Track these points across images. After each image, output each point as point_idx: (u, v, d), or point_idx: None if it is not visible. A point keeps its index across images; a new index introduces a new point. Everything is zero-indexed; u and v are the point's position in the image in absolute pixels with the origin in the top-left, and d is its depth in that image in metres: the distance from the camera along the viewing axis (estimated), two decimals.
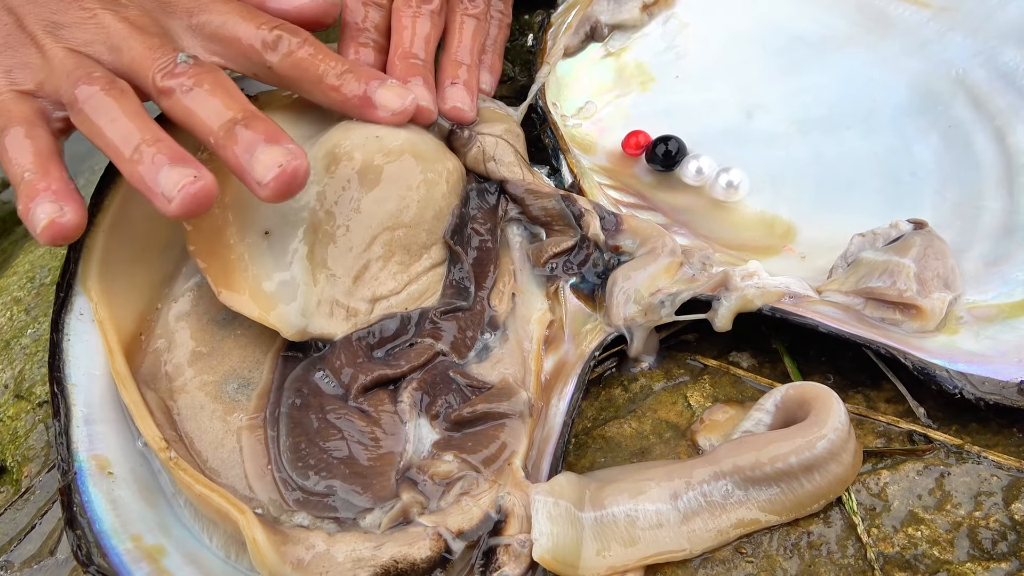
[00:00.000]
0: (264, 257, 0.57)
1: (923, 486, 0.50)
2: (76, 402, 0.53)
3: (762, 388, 0.58)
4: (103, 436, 0.52)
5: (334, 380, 0.55)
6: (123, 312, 0.58)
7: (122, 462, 0.52)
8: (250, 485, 0.51)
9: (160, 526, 0.50)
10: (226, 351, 0.57)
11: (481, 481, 0.50)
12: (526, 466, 0.52)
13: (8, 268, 0.82)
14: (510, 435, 0.53)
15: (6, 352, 0.71)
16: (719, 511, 0.49)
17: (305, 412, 0.53)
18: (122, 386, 0.53)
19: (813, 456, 0.48)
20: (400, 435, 0.53)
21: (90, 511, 0.48)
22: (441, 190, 0.62)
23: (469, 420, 0.53)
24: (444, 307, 0.59)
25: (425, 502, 0.50)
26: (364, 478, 0.51)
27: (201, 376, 0.56)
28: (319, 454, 0.51)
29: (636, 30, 0.82)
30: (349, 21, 0.69)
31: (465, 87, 0.68)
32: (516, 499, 0.49)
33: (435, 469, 0.51)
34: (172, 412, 0.55)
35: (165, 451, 0.50)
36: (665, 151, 0.73)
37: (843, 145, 0.72)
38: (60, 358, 0.55)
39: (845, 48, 0.77)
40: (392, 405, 0.54)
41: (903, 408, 0.55)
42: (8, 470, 0.63)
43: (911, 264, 0.56)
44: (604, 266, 0.62)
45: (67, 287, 0.58)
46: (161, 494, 0.52)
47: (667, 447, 0.56)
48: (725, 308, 0.57)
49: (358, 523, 0.49)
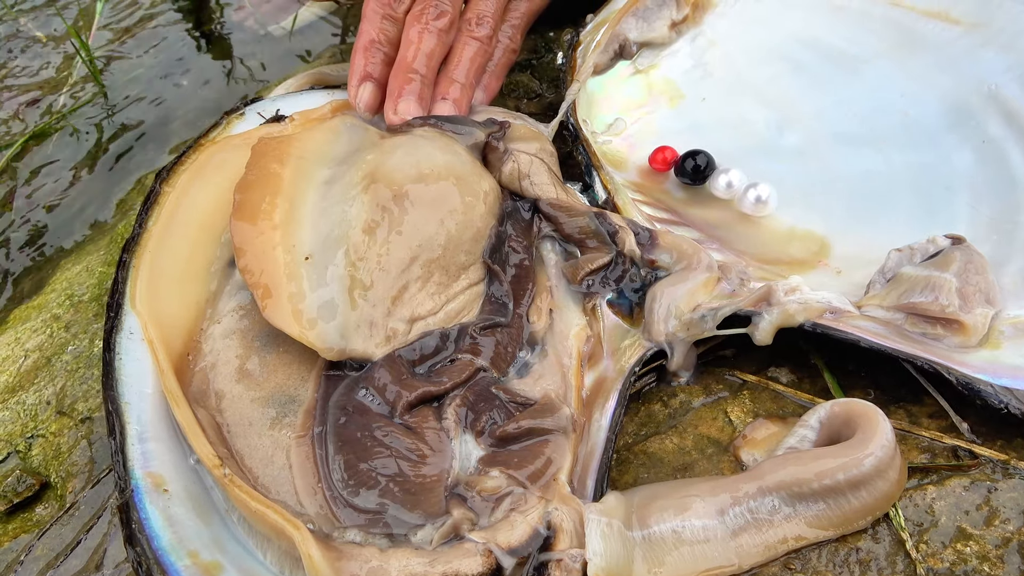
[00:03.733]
0: (306, 278, 0.58)
1: (970, 502, 0.50)
2: (130, 420, 0.54)
3: (803, 403, 0.58)
4: (157, 454, 0.53)
5: (378, 398, 0.55)
6: (171, 331, 0.59)
7: (176, 479, 0.52)
8: (300, 501, 0.52)
9: (215, 542, 0.50)
10: (272, 368, 0.58)
11: (529, 497, 0.50)
12: (571, 481, 0.53)
13: (46, 286, 0.83)
14: (555, 450, 0.53)
15: (47, 369, 0.72)
16: (766, 526, 0.49)
17: (351, 430, 0.54)
18: (174, 404, 0.54)
19: (861, 473, 0.48)
20: (447, 451, 0.53)
21: (148, 528, 0.49)
22: (479, 211, 0.62)
23: (514, 436, 0.54)
24: (483, 323, 0.60)
25: (475, 518, 0.50)
26: (414, 495, 0.51)
27: (249, 393, 0.57)
28: (368, 472, 0.52)
29: (664, 48, 0.83)
30: (365, 31, 0.71)
31: (455, 105, 0.70)
32: (564, 514, 0.49)
33: (483, 485, 0.51)
34: (222, 429, 0.55)
35: (219, 468, 0.50)
36: (694, 165, 0.73)
37: (875, 160, 0.73)
38: (113, 377, 0.56)
39: (875, 64, 0.78)
40: (437, 422, 0.54)
41: (946, 423, 0.55)
42: (52, 486, 0.64)
43: (953, 279, 0.56)
44: (641, 282, 0.63)
45: (116, 307, 0.59)
46: (214, 510, 0.52)
47: (710, 463, 0.56)
48: (767, 322, 0.57)
49: (409, 539, 0.49)
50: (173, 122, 1.09)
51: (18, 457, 0.66)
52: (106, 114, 1.12)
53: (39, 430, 0.67)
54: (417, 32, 0.70)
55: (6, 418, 0.69)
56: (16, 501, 0.62)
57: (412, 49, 0.70)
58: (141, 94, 1.14)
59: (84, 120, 1.11)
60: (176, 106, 1.11)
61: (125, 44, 1.24)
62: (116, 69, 1.19)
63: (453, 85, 0.71)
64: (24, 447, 0.66)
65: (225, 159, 0.67)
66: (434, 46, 0.71)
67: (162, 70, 1.18)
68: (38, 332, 0.76)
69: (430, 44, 0.70)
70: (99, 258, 0.83)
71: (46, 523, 0.61)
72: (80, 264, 0.84)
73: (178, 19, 1.28)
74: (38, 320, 0.78)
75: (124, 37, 1.26)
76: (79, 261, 0.85)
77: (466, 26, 0.74)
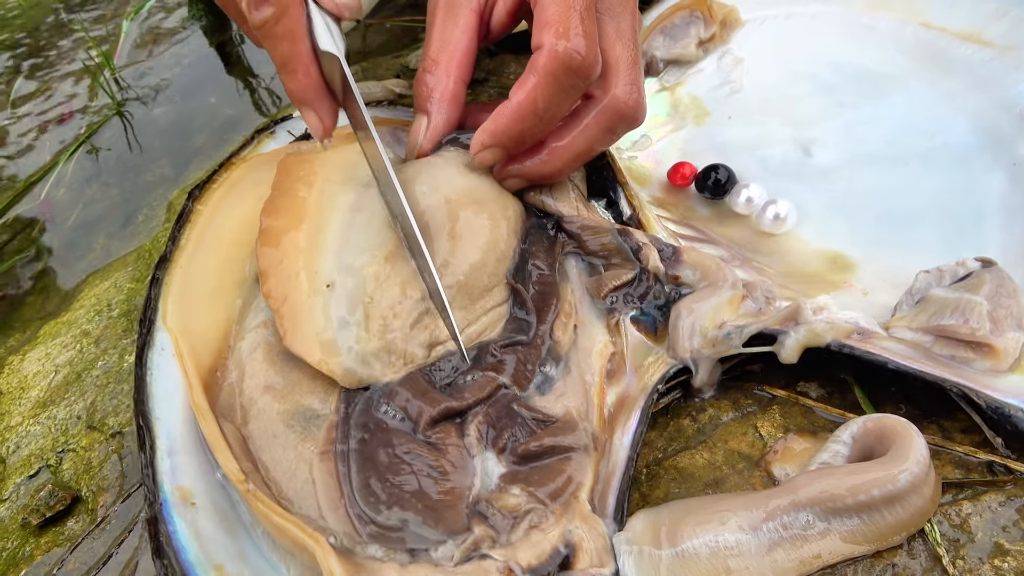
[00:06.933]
0: (327, 306, 0.59)
1: (1006, 517, 0.50)
2: (159, 434, 0.55)
3: (833, 418, 0.58)
4: (184, 467, 0.54)
5: (400, 414, 0.55)
6: (201, 346, 0.59)
7: (203, 493, 0.53)
8: (323, 515, 0.52)
9: (240, 556, 0.51)
10: (295, 381, 0.58)
11: (549, 515, 0.50)
12: (592, 500, 0.52)
13: (74, 301, 0.84)
14: (576, 468, 0.53)
15: (78, 384, 0.73)
16: (801, 542, 0.49)
17: (374, 448, 0.54)
18: (201, 418, 0.55)
19: (896, 489, 0.48)
20: (468, 468, 0.53)
21: (176, 541, 0.50)
22: (502, 233, 0.62)
23: (536, 454, 0.54)
24: (504, 340, 0.59)
25: (496, 536, 0.50)
26: (435, 511, 0.51)
27: (273, 405, 0.57)
28: (390, 489, 0.52)
29: (691, 65, 0.83)
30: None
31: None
32: (584, 533, 0.49)
33: (504, 502, 0.51)
34: (248, 442, 0.56)
35: (243, 483, 0.51)
36: (715, 179, 0.74)
37: (903, 181, 0.72)
38: (144, 392, 0.56)
39: (905, 85, 0.77)
40: (459, 439, 0.54)
41: (979, 438, 0.55)
42: (83, 500, 0.64)
43: (984, 302, 0.55)
44: (665, 298, 0.63)
45: (149, 323, 0.60)
46: (240, 524, 0.53)
47: (741, 478, 0.56)
48: (793, 341, 0.57)
49: (430, 555, 0.49)
50: (194, 138, 1.10)
51: (49, 471, 0.66)
52: (128, 130, 1.13)
53: (70, 445, 0.68)
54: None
55: (37, 433, 0.70)
56: (48, 515, 0.63)
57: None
58: (163, 110, 1.16)
59: (106, 137, 1.13)
60: (198, 123, 1.13)
61: (148, 62, 1.26)
62: (138, 86, 1.21)
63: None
64: (55, 461, 0.67)
65: (259, 178, 0.68)
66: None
67: (184, 87, 1.20)
68: (68, 347, 0.77)
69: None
70: (127, 274, 0.84)
71: (78, 537, 0.62)
72: (108, 280, 0.85)
73: (200, 37, 1.30)
74: (68, 336, 0.79)
75: (148, 56, 1.28)
76: (107, 277, 0.86)
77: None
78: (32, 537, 0.63)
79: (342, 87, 0.63)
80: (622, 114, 0.62)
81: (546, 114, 0.59)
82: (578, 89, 0.59)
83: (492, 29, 0.69)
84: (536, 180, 0.66)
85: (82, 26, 1.36)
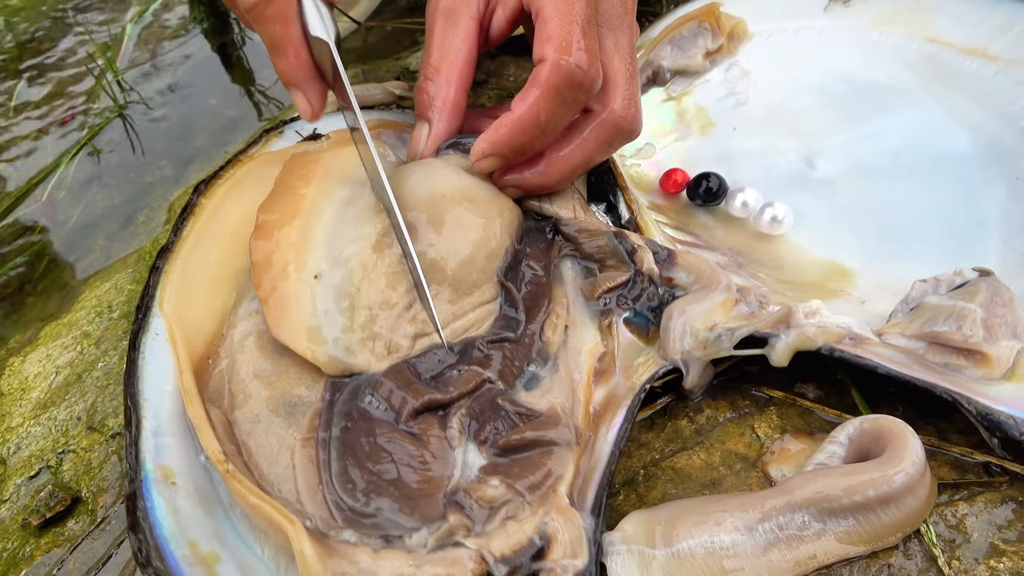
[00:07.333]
0: (314, 296, 0.59)
1: (1002, 517, 0.49)
2: (146, 415, 0.55)
3: (830, 419, 0.58)
4: (169, 448, 0.54)
5: (384, 404, 0.56)
6: (195, 334, 0.60)
7: (185, 473, 0.53)
8: (301, 500, 0.52)
9: (216, 535, 0.51)
10: (283, 368, 0.59)
11: (526, 506, 0.50)
12: (572, 494, 0.52)
13: (75, 303, 0.84)
14: (556, 462, 0.53)
15: (78, 385, 0.73)
16: (797, 542, 0.48)
17: (355, 436, 0.54)
18: (188, 402, 0.55)
19: (891, 490, 0.48)
20: (448, 459, 0.53)
21: (152, 517, 0.50)
22: (494, 231, 0.63)
23: (517, 446, 0.54)
24: (491, 337, 0.60)
25: (471, 525, 0.50)
26: (412, 500, 0.51)
27: (262, 392, 0.57)
28: (369, 476, 0.52)
29: (698, 76, 0.83)
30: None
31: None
32: (560, 525, 0.49)
33: (481, 493, 0.51)
34: (233, 427, 0.56)
35: (223, 463, 0.51)
36: (706, 187, 0.74)
37: (906, 194, 0.72)
38: (135, 375, 0.57)
39: (909, 98, 0.77)
40: (441, 430, 0.55)
41: (975, 439, 0.54)
42: (83, 501, 0.64)
43: (978, 310, 0.55)
44: (659, 300, 0.63)
45: (145, 309, 0.61)
46: (219, 505, 0.53)
47: (738, 478, 0.56)
48: (783, 344, 0.56)
49: (404, 542, 0.49)
50: (195, 140, 1.11)
51: (50, 472, 0.67)
52: (129, 132, 1.14)
53: (70, 445, 0.68)
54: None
55: (38, 434, 0.70)
56: (48, 516, 0.63)
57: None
58: (164, 112, 1.17)
59: (107, 139, 1.14)
60: (198, 125, 1.14)
61: (151, 63, 1.27)
62: (141, 88, 1.22)
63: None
64: (55, 462, 0.67)
65: (264, 175, 0.69)
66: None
67: (185, 89, 1.21)
68: (69, 349, 0.77)
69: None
70: (128, 275, 0.85)
71: (78, 538, 0.62)
72: (109, 281, 0.85)
73: (201, 40, 1.30)
74: (68, 337, 0.79)
75: (150, 57, 1.28)
76: (108, 278, 0.87)
77: None
78: (32, 538, 0.63)
79: (332, 72, 0.64)
80: (620, 128, 0.63)
81: (547, 127, 0.60)
82: (579, 103, 0.60)
83: (491, 36, 0.70)
84: (533, 191, 0.67)
85: (85, 28, 1.37)
